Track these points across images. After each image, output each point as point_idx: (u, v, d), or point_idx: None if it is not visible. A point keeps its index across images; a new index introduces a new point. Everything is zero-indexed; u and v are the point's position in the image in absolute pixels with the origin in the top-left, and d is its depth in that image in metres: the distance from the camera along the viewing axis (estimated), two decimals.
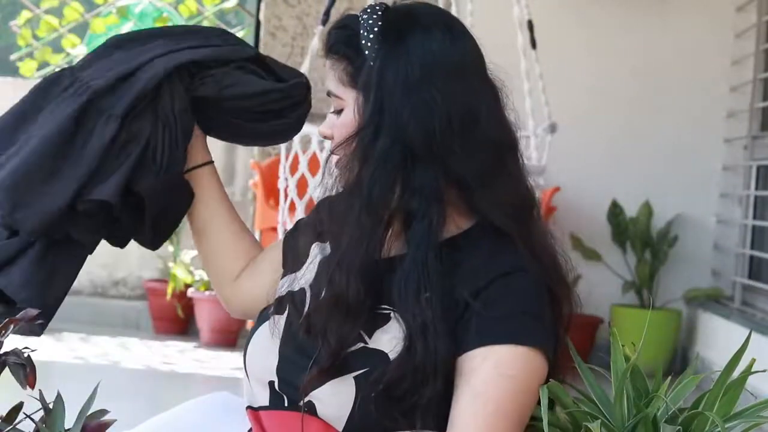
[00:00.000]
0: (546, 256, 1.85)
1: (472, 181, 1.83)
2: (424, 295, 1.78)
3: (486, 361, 1.75)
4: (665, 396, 1.56)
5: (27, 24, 7.69)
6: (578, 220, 6.79)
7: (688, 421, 1.57)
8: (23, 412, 1.61)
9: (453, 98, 1.82)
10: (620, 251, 6.79)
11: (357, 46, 1.87)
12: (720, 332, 6.24)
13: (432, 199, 1.81)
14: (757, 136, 6.56)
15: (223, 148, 7.26)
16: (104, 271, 7.28)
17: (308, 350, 1.84)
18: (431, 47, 1.83)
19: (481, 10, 5.73)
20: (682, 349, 6.73)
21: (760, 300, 6.24)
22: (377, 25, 1.87)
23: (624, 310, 6.63)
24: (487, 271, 1.80)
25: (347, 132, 1.87)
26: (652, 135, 6.81)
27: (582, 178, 6.77)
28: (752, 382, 1.65)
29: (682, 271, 6.79)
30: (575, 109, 6.67)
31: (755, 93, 6.61)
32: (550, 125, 5.56)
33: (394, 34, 1.85)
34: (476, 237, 1.85)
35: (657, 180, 6.80)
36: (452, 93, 1.82)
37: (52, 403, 1.59)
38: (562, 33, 6.72)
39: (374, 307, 1.82)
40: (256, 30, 7.49)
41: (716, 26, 6.79)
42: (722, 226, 6.80)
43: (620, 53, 6.83)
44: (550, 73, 5.85)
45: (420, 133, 1.81)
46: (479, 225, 1.86)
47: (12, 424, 1.59)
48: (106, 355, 6.16)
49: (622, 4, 6.83)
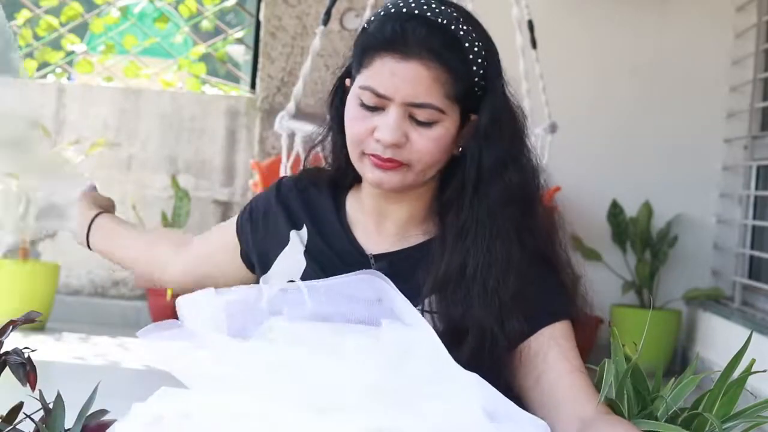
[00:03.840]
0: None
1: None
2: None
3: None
4: (665, 396, 1.56)
5: (27, 24, 7.69)
6: (578, 220, 6.78)
7: (688, 421, 1.57)
8: (23, 412, 1.61)
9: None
10: (620, 251, 6.79)
11: (461, 55, 1.83)
12: (720, 332, 6.24)
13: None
14: (757, 136, 6.56)
15: (224, 148, 7.26)
16: (104, 271, 7.28)
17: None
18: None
19: (481, 10, 5.70)
20: (682, 349, 6.73)
21: (760, 300, 6.24)
22: (478, 38, 1.89)
23: (624, 310, 6.63)
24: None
25: (439, 149, 1.83)
26: (652, 135, 6.80)
27: (582, 178, 6.77)
28: (752, 382, 1.65)
29: (682, 271, 6.79)
30: (575, 109, 6.67)
31: (755, 93, 6.61)
32: (550, 125, 5.56)
33: (495, 56, 1.90)
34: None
35: (657, 180, 6.80)
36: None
37: (52, 403, 1.59)
38: (562, 33, 6.72)
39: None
40: (256, 30, 7.49)
41: (716, 26, 6.79)
42: (722, 226, 6.80)
43: (620, 53, 6.83)
44: (550, 73, 5.85)
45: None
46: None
47: (12, 424, 1.59)
48: (106, 355, 6.15)
49: (622, 3, 6.83)
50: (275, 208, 2.02)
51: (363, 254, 1.94)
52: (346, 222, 1.98)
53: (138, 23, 8.01)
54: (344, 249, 1.95)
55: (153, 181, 7.33)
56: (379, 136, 1.81)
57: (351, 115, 1.86)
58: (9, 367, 1.59)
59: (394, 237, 1.94)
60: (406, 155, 1.82)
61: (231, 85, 7.85)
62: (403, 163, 1.83)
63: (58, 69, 7.83)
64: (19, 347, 1.61)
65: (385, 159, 1.82)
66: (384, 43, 1.81)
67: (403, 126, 1.81)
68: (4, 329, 1.61)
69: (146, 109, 7.37)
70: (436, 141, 1.82)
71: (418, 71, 1.79)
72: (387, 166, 1.83)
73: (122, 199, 7.31)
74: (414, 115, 1.81)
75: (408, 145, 1.82)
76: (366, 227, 1.96)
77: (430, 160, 1.83)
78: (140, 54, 7.97)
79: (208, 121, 7.36)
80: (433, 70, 1.80)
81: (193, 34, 8.15)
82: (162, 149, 7.35)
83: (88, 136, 7.14)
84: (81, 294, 7.24)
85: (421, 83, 1.79)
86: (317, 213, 1.99)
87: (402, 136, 1.80)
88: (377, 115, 1.83)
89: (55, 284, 6.78)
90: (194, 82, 7.80)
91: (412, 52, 1.80)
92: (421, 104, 1.80)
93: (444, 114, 1.82)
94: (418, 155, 1.82)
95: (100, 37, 8.00)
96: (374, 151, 1.83)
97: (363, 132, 1.84)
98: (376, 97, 1.82)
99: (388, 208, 1.94)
